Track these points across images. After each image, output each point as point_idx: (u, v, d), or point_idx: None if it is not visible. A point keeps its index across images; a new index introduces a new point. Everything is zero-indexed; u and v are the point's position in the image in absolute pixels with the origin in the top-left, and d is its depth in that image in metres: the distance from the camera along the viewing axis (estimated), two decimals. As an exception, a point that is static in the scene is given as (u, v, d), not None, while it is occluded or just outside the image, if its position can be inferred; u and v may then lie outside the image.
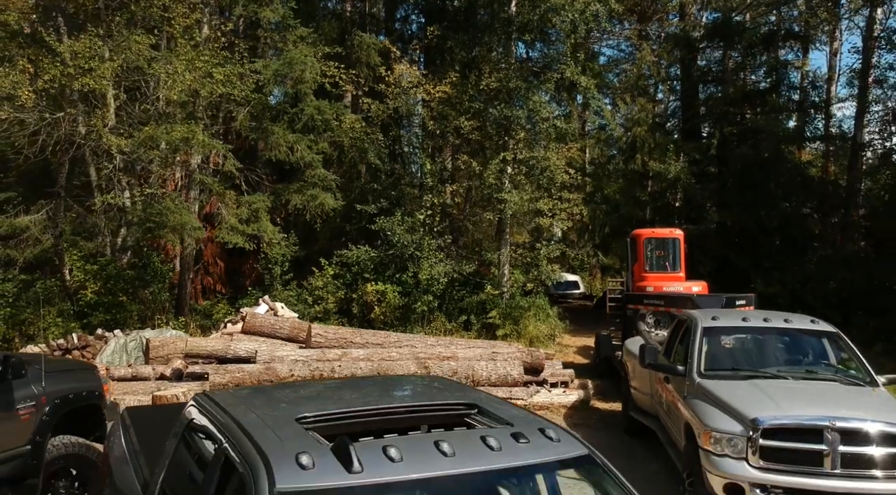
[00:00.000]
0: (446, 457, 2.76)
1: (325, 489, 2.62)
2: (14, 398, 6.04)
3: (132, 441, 4.78)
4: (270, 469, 2.64)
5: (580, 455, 3.04)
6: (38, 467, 6.20)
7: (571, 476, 3.15)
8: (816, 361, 7.79)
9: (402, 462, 2.71)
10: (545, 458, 2.94)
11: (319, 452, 2.74)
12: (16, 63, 12.57)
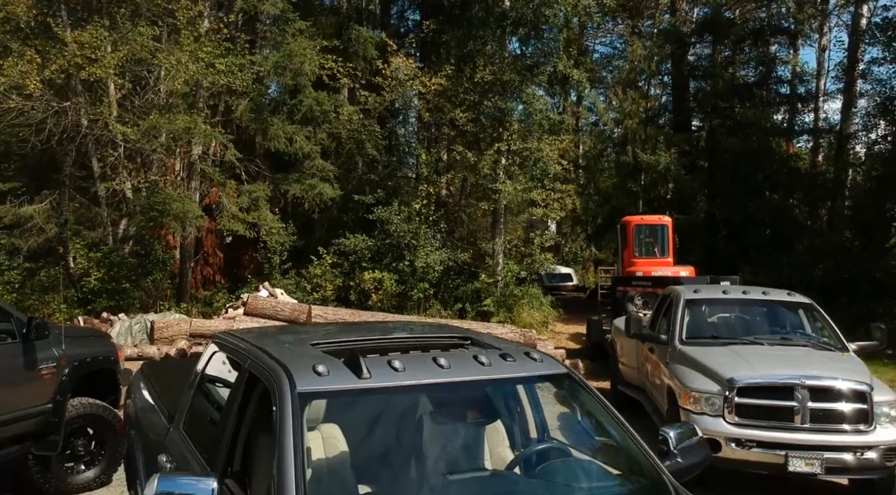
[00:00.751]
0: (442, 369, 3.19)
1: (338, 390, 3.04)
2: (37, 358, 6.44)
3: (154, 388, 5.19)
4: (291, 375, 3.06)
5: (560, 372, 3.47)
6: (58, 424, 6.59)
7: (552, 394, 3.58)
8: (792, 330, 8.24)
9: (405, 371, 3.13)
10: (528, 373, 3.38)
11: (333, 363, 3.16)
12: (23, 53, 12.92)
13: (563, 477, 3.09)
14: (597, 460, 3.27)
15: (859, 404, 6.59)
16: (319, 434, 3.26)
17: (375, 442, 3.12)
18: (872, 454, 6.51)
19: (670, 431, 3.42)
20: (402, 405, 3.20)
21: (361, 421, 3.17)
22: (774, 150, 21.56)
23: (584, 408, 3.46)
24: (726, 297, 8.52)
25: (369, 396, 3.08)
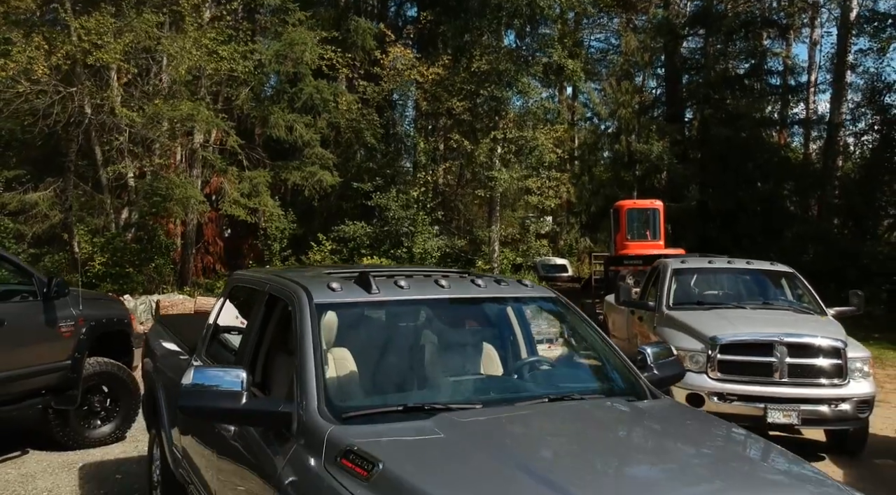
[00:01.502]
0: (443, 288, 3.57)
1: (350, 302, 3.43)
2: (57, 316, 6.80)
3: (171, 333, 5.56)
4: (308, 291, 3.43)
5: (548, 296, 3.85)
6: (77, 380, 6.95)
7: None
8: (774, 296, 8.63)
9: (409, 289, 3.51)
10: (519, 294, 3.77)
11: (345, 282, 3.54)
12: (31, 40, 13.24)
13: (550, 378, 3.46)
14: (580, 370, 3.65)
15: (834, 359, 6.99)
16: (331, 356, 3.62)
17: (382, 353, 3.49)
18: (846, 406, 6.91)
19: (648, 348, 3.80)
20: (406, 317, 3.57)
21: (370, 335, 3.54)
22: (765, 141, 21.97)
23: (571, 328, 3.84)
24: (712, 266, 8.92)
25: (377, 309, 3.46)
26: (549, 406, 3.10)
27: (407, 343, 3.54)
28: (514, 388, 3.50)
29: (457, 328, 3.71)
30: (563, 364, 3.80)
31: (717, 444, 2.91)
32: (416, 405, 2.97)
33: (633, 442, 2.91)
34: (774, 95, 22.48)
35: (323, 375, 3.05)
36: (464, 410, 2.93)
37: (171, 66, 14.78)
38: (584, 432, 2.90)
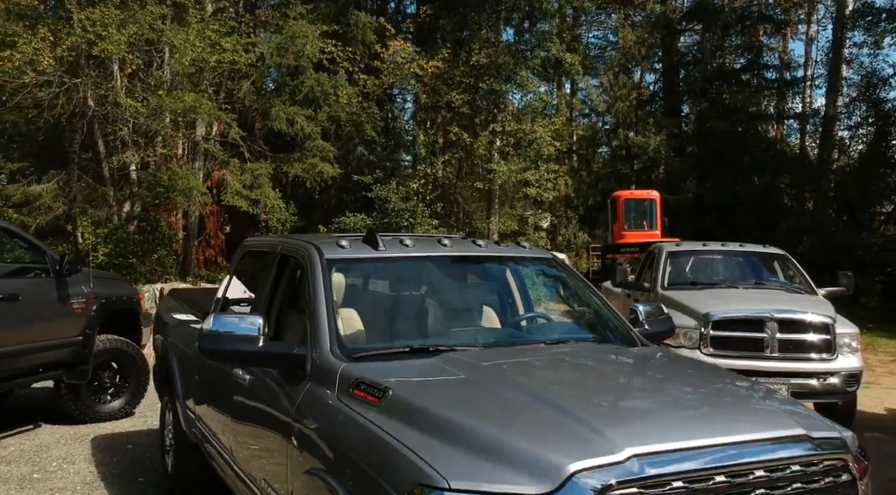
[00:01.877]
0: (445, 247, 3.79)
1: (358, 257, 3.65)
2: (69, 293, 7.00)
3: (183, 304, 5.77)
4: (319, 249, 3.64)
5: (544, 257, 4.07)
6: (88, 355, 7.16)
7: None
8: (766, 277, 8.86)
9: (414, 247, 3.73)
10: (517, 254, 3.98)
11: (354, 240, 3.76)
12: (37, 31, 13.42)
13: (547, 329, 3.67)
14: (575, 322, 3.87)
15: (823, 335, 7.21)
16: (340, 316, 3.83)
17: (388, 306, 3.71)
18: (835, 380, 7.13)
19: (640, 306, 4.01)
20: (411, 273, 3.79)
21: (377, 289, 3.75)
22: (761, 135, 22.21)
23: (566, 286, 4.06)
24: (706, 249, 9.15)
25: (384, 264, 3.68)
26: (547, 347, 3.31)
27: (411, 296, 3.75)
28: (513, 336, 3.72)
29: (459, 283, 3.92)
30: (559, 318, 4.01)
31: (707, 380, 3.12)
32: (420, 346, 3.18)
33: (626, 376, 3.13)
34: (770, 90, 22.70)
35: (334, 321, 3.26)
36: (466, 350, 3.14)
37: (175, 58, 14.94)
38: (580, 367, 3.12)
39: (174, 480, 5.34)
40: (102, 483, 5.67)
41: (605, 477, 2.11)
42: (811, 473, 2.38)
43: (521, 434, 2.36)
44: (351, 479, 2.49)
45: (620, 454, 2.18)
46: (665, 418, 2.51)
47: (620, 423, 2.38)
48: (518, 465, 2.20)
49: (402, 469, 2.27)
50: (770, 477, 2.30)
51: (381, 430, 2.50)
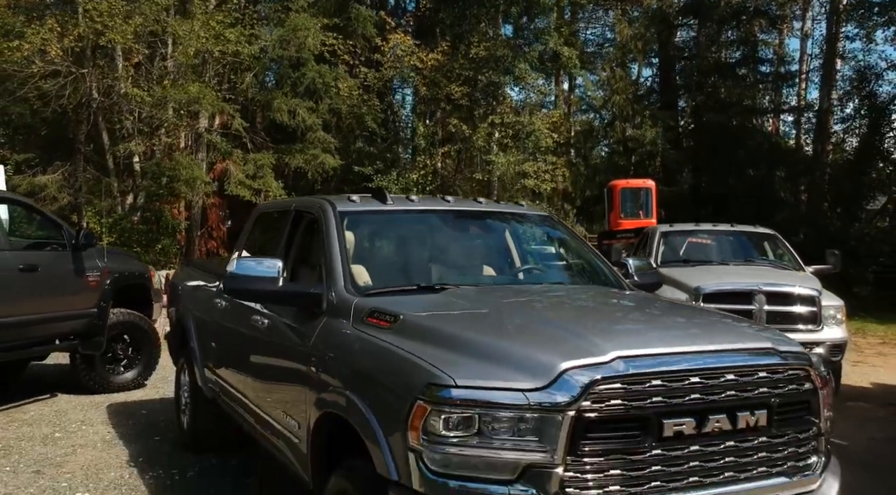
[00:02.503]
0: (448, 203, 4.08)
1: (368, 210, 3.95)
2: (84, 266, 7.28)
3: (198, 272, 6.05)
4: (332, 203, 3.93)
5: (541, 214, 4.36)
6: (102, 327, 7.43)
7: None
8: (755, 255, 9.16)
9: (419, 202, 4.03)
10: (514, 211, 4.28)
11: (364, 196, 4.06)
12: (45, 22, 13.69)
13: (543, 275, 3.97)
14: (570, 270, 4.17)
15: (810, 307, 7.51)
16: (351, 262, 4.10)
17: (396, 253, 4.00)
18: (820, 350, 7.40)
19: (630, 260, 4.31)
20: (416, 224, 4.09)
21: (386, 238, 4.05)
22: (756, 128, 22.51)
23: (561, 240, 4.36)
24: (698, 229, 9.45)
25: (391, 216, 3.98)
26: (543, 286, 3.60)
27: (417, 245, 4.04)
28: (513, 280, 4.02)
29: (461, 234, 4.21)
30: (555, 268, 4.30)
31: (690, 311, 3.42)
32: (426, 285, 3.48)
33: (617, 307, 3.42)
34: (765, 84, 23.00)
35: (347, 264, 3.55)
36: (468, 287, 3.44)
37: (179, 49, 15.20)
38: (575, 300, 3.42)
39: (190, 435, 5.62)
40: (121, 440, 5.96)
41: (591, 373, 2.40)
42: (776, 380, 2.67)
43: (520, 343, 2.65)
44: (368, 391, 2.78)
45: (606, 356, 2.47)
46: (648, 332, 2.80)
47: (608, 335, 2.68)
48: (516, 366, 2.49)
49: (414, 374, 2.56)
50: (739, 381, 2.59)
51: (395, 347, 2.79)
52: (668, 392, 2.47)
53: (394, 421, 2.55)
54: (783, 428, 2.68)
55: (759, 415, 2.60)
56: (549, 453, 2.35)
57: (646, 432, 2.44)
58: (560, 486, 2.34)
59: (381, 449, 2.59)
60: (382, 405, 2.66)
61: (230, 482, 4.97)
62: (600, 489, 2.38)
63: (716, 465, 2.54)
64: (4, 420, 6.54)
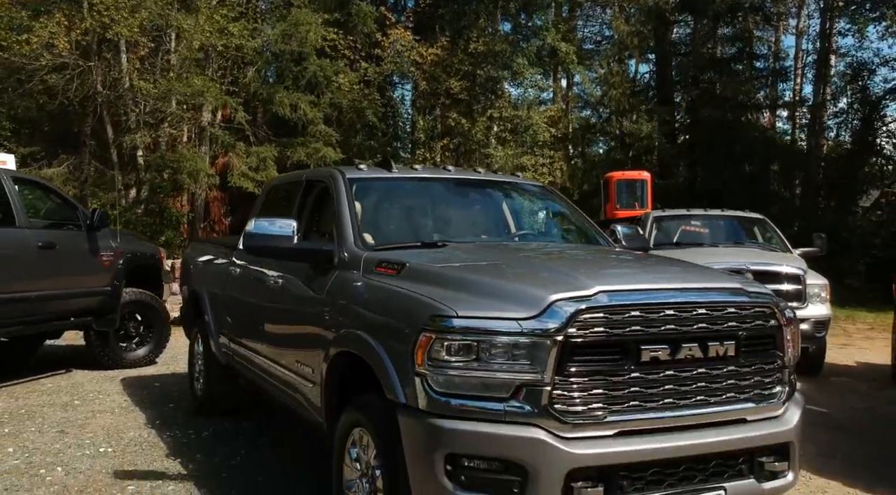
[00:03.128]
0: (449, 172, 4.39)
1: (374, 177, 4.26)
2: (99, 246, 7.59)
3: (211, 247, 6.36)
4: (342, 171, 4.25)
5: (536, 184, 4.67)
6: (115, 305, 7.74)
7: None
8: (745, 238, 9.47)
9: (422, 171, 4.35)
10: (511, 180, 4.59)
11: (371, 166, 4.36)
12: (53, 15, 13.98)
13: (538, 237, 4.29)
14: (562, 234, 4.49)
15: (795, 285, 7.82)
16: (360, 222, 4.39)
17: (401, 215, 4.31)
18: (805, 326, 7.71)
19: (619, 227, 4.62)
20: (420, 190, 4.40)
21: (392, 202, 4.36)
22: (751, 122, 22.84)
23: (556, 207, 4.67)
24: (689, 214, 9.76)
25: (396, 183, 4.30)
26: (537, 244, 3.92)
27: (420, 208, 4.36)
28: (508, 240, 4.33)
29: (461, 199, 4.52)
30: (549, 231, 4.61)
31: (673, 261, 3.73)
32: (429, 242, 3.79)
33: (605, 258, 3.74)
34: (760, 79, 23.32)
35: (357, 223, 3.86)
36: (468, 244, 3.75)
37: (183, 43, 15.48)
38: (565, 253, 3.73)
39: (204, 399, 5.93)
40: (137, 407, 6.27)
41: (577, 304, 2.71)
42: (744, 315, 2.99)
43: (514, 282, 2.97)
44: (379, 328, 3.09)
45: (591, 290, 2.77)
46: (630, 273, 3.13)
47: (594, 274, 2.99)
48: (510, 300, 2.80)
49: (420, 309, 2.86)
50: (710, 315, 2.90)
51: (402, 289, 3.10)
52: (646, 322, 2.78)
53: (402, 352, 2.86)
54: (750, 358, 2.99)
55: (728, 346, 2.91)
56: (539, 374, 2.66)
57: (625, 357, 2.75)
58: (549, 402, 2.65)
59: (391, 376, 2.90)
60: (391, 338, 2.97)
61: (244, 441, 5.27)
62: (585, 405, 2.69)
63: (688, 389, 2.85)
64: (24, 390, 6.84)
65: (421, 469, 2.76)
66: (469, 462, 2.69)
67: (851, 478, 4.72)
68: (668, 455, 2.78)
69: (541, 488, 2.61)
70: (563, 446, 2.64)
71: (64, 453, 4.95)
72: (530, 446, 2.63)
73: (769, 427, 3.02)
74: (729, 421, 2.95)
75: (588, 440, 2.68)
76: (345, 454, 3.33)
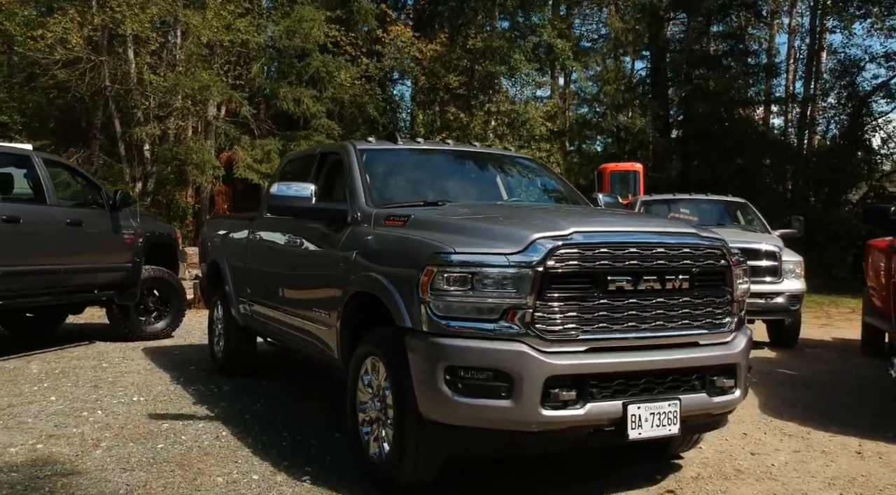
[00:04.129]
0: (448, 145, 4.96)
1: (382, 148, 4.81)
2: (121, 225, 8.13)
3: (228, 222, 6.91)
4: (353, 143, 4.80)
5: (526, 157, 5.23)
6: (136, 280, 8.28)
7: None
8: (727, 220, 10.02)
9: (424, 144, 4.89)
10: (504, 154, 5.16)
11: (378, 139, 4.91)
12: (66, 11, 14.52)
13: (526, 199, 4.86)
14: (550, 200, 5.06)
15: (772, 261, 8.38)
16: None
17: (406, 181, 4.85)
18: (780, 299, 8.31)
19: (600, 195, 5.17)
20: (423, 160, 4.96)
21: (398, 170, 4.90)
22: (743, 117, 23.39)
23: (542, 176, 5.23)
24: (676, 197, 10.31)
25: (401, 153, 4.85)
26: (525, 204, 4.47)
27: (422, 175, 4.90)
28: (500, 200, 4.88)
29: (458, 168, 5.07)
30: (536, 195, 5.17)
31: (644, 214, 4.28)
32: (431, 201, 4.33)
33: (586, 210, 4.32)
34: (749, 76, 23.85)
35: (367, 185, 4.40)
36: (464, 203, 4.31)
37: (190, 38, 15.99)
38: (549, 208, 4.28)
39: (223, 360, 6.48)
40: (161, 369, 6.81)
41: (555, 241, 3.25)
42: (697, 255, 3.53)
43: (503, 225, 3.52)
44: (389, 268, 3.63)
45: (567, 230, 3.32)
46: (601, 218, 3.68)
47: (570, 219, 3.53)
48: (500, 239, 3.34)
49: (424, 249, 3.40)
50: (667, 254, 3.44)
51: (408, 235, 3.65)
52: (613, 257, 3.32)
53: (409, 285, 3.40)
54: (702, 292, 3.54)
55: (683, 280, 3.46)
56: (523, 299, 3.20)
57: (595, 286, 3.29)
58: (531, 322, 3.19)
59: (400, 307, 3.44)
60: (400, 275, 3.51)
61: (262, 394, 5.82)
62: (561, 325, 3.23)
63: (649, 315, 3.40)
64: (54, 356, 7.39)
65: (425, 380, 3.30)
66: (465, 372, 3.23)
67: (808, 421, 5.28)
68: (630, 368, 3.33)
69: (524, 392, 3.16)
70: (542, 358, 3.18)
71: (101, 401, 5.49)
72: (515, 358, 3.18)
73: (718, 350, 3.57)
74: (684, 344, 3.50)
75: (563, 354, 3.23)
76: (358, 381, 3.87)
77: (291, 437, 4.59)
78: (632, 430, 3.29)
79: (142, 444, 4.41)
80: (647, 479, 3.91)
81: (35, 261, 7.01)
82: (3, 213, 6.65)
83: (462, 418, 3.26)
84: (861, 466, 4.28)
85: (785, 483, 3.95)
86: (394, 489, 3.57)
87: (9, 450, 4.27)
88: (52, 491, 3.64)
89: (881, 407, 5.79)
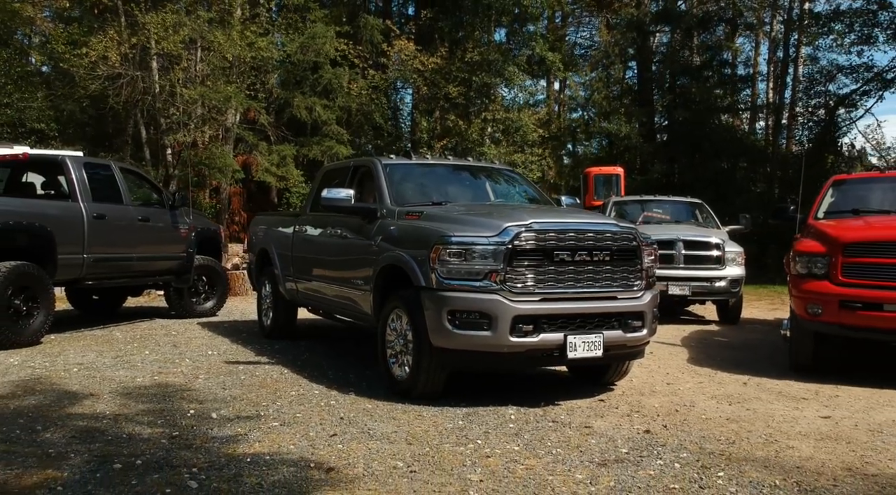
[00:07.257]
0: (450, 160, 6.70)
1: (401, 163, 6.56)
2: (178, 221, 9.85)
3: (273, 218, 8.64)
4: (379, 159, 6.54)
5: (508, 168, 6.98)
6: (190, 267, 10.00)
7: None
8: (685, 217, 11.76)
9: (432, 160, 6.65)
10: (492, 166, 6.89)
11: (398, 156, 6.65)
12: (107, 31, 16.25)
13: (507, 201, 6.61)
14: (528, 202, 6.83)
15: (716, 251, 10.12)
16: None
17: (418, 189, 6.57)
18: (723, 283, 10.06)
19: (564, 198, 6.91)
20: (431, 172, 6.69)
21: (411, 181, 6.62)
22: (722, 124, 25.15)
23: (521, 185, 6.98)
24: (643, 199, 12.07)
25: (415, 166, 6.60)
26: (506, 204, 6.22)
27: (431, 183, 6.62)
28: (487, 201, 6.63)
29: (458, 177, 6.82)
30: (515, 198, 6.91)
31: (584, 211, 6.02)
32: (437, 202, 6.06)
33: (546, 209, 6.05)
34: (727, 86, 25.61)
35: (391, 191, 6.13)
36: (461, 203, 6.05)
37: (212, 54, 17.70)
38: (520, 206, 6.02)
39: (272, 326, 8.21)
40: (219, 336, 8.53)
41: (519, 228, 4.98)
42: (615, 238, 5.25)
43: (486, 218, 5.26)
44: (409, 247, 5.36)
45: (527, 221, 5.04)
46: (552, 215, 5.42)
47: (531, 214, 5.26)
48: (483, 227, 5.07)
49: (433, 234, 5.12)
50: (595, 237, 5.17)
51: (422, 226, 5.39)
52: (558, 239, 5.06)
53: (423, 258, 5.13)
54: (619, 263, 5.27)
55: (605, 255, 5.19)
56: (499, 266, 4.93)
57: (546, 258, 5.03)
58: (503, 281, 4.93)
59: (417, 272, 5.17)
60: (417, 252, 5.24)
61: (305, 349, 7.55)
62: (523, 284, 4.96)
63: (582, 278, 5.13)
64: (129, 328, 9.11)
65: (434, 320, 5.03)
66: (460, 314, 4.96)
67: (719, 368, 7.01)
68: (569, 312, 5.07)
69: (499, 326, 4.89)
70: (511, 304, 4.92)
71: (185, 354, 7.22)
72: (493, 304, 4.92)
73: (630, 302, 5.31)
74: (606, 297, 5.24)
75: (525, 302, 4.97)
76: (387, 327, 5.60)
77: (334, 374, 6.32)
78: (570, 352, 5.03)
79: (228, 377, 6.13)
80: (586, 395, 5.64)
81: (116, 251, 8.73)
82: (94, 212, 8.37)
83: (458, 344, 4.99)
84: (742, 390, 6.02)
85: (683, 397, 5.69)
86: (412, 397, 5.30)
87: (136, 380, 5.99)
88: (181, 398, 5.36)
89: (781, 361, 7.52)
